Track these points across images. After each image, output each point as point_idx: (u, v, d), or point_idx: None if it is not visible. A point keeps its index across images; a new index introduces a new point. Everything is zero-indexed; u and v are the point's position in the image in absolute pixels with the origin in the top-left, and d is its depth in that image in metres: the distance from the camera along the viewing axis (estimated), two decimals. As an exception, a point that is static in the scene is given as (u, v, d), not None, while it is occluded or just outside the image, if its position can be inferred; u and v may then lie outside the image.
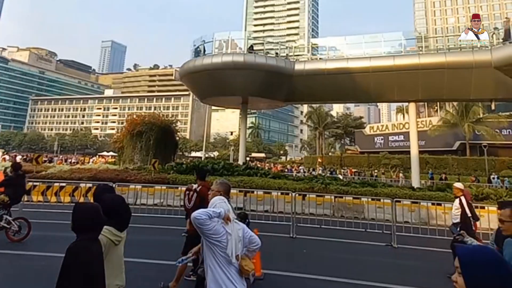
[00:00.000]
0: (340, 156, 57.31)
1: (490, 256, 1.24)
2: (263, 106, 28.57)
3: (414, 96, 19.65)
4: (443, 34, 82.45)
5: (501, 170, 36.22)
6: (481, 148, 37.44)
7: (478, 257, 1.24)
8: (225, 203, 2.91)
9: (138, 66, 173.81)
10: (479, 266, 1.21)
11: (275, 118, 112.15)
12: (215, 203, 2.90)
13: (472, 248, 1.32)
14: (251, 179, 15.22)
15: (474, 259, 1.24)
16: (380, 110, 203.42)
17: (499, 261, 1.22)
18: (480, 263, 1.21)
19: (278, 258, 7.40)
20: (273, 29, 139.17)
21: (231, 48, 20.82)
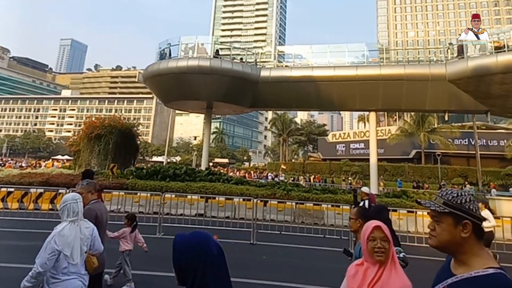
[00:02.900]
0: (303, 162, 58.26)
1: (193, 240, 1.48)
2: (228, 111, 28.55)
3: (374, 106, 20.37)
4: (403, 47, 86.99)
5: (453, 178, 38.51)
6: (435, 157, 39.57)
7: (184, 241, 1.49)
8: (76, 204, 3.03)
9: (99, 67, 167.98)
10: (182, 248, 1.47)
11: (240, 123, 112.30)
12: (67, 201, 3.01)
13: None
14: (213, 185, 15.09)
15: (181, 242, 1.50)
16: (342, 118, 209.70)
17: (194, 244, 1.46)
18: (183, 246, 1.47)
19: (237, 265, 7.28)
20: (241, 35, 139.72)
21: (198, 52, 20.64)
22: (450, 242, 1.45)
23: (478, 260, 1.41)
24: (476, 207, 1.48)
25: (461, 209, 1.44)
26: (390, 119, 62.27)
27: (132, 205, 12.35)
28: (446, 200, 1.48)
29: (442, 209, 1.47)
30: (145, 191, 13.66)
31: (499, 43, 16.50)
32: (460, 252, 1.45)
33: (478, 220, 1.44)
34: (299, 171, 52.43)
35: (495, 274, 1.34)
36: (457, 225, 1.44)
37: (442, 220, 1.47)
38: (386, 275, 1.97)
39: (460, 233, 1.43)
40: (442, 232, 1.46)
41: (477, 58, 16.58)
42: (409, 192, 17.02)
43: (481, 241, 1.46)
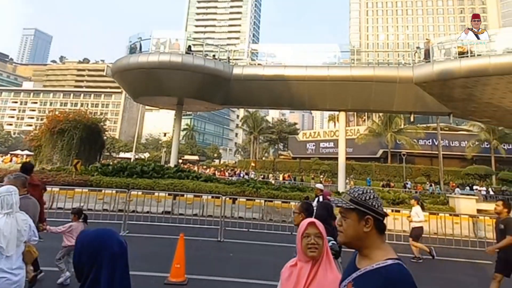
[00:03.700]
0: (273, 160, 58.70)
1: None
2: (199, 108, 28.20)
3: (344, 106, 20.75)
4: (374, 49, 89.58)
5: (417, 177, 40.06)
6: (400, 156, 41.05)
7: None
8: (10, 196, 3.02)
9: (64, 59, 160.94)
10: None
11: (211, 120, 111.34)
12: (1, 193, 3.00)
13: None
14: (181, 182, 14.84)
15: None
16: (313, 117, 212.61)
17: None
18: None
19: (203, 263, 7.26)
20: (215, 31, 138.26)
21: (170, 48, 20.19)
22: (354, 236, 1.53)
23: (380, 252, 1.50)
24: (379, 203, 1.56)
25: (364, 205, 1.53)
26: (359, 119, 63.89)
27: (96, 202, 11.91)
28: (352, 197, 1.57)
29: (348, 206, 1.55)
30: (110, 188, 13.22)
31: (463, 48, 17.03)
32: (363, 246, 1.53)
33: (379, 216, 1.54)
34: (269, 169, 52.81)
35: (393, 264, 1.43)
36: (360, 220, 1.52)
37: (348, 216, 1.56)
38: (322, 273, 1.96)
39: (363, 228, 1.52)
40: (348, 227, 1.55)
41: (442, 62, 17.19)
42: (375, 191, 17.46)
43: (382, 235, 1.55)
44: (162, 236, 9.30)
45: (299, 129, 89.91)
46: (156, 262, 7.04)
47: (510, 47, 16.04)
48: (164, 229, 10.01)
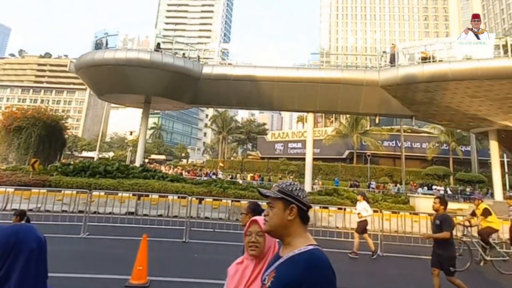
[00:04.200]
0: (241, 160, 58.72)
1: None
2: (167, 107, 27.68)
3: (312, 107, 21.08)
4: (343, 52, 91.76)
5: (380, 177, 41.41)
6: (365, 157, 42.33)
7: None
8: None
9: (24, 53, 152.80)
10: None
11: (180, 119, 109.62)
12: None
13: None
14: (147, 182, 14.53)
15: None
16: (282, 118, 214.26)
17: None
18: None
19: (167, 264, 7.13)
20: (185, 30, 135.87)
21: (139, 45, 19.68)
22: (279, 225, 1.61)
23: (301, 240, 1.59)
24: (304, 195, 1.67)
25: (290, 195, 1.63)
26: (327, 120, 65.10)
27: (55, 203, 11.39)
28: (280, 188, 1.68)
29: (276, 195, 1.65)
30: (71, 188, 12.71)
31: (426, 54, 17.70)
32: (287, 234, 1.61)
33: (303, 206, 1.64)
34: (237, 169, 52.79)
35: (313, 250, 1.53)
36: (285, 209, 1.62)
37: (275, 205, 1.65)
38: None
39: (287, 216, 1.60)
40: (273, 216, 1.63)
41: (406, 67, 17.80)
42: (340, 191, 17.89)
43: (305, 225, 1.65)
44: (125, 237, 9.05)
45: (268, 130, 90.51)
46: (117, 264, 6.85)
47: (468, 54, 16.79)
48: (127, 230, 9.75)
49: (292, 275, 1.47)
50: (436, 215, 5.90)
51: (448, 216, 5.81)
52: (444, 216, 5.75)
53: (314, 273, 1.45)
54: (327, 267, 1.48)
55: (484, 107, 17.13)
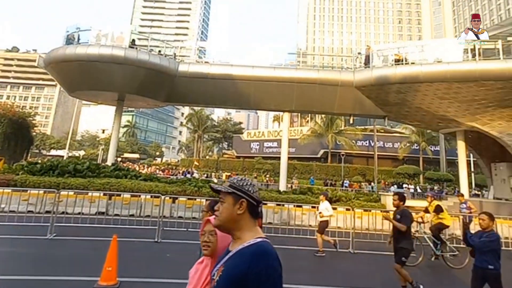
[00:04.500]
0: (217, 159, 58.47)
1: None
2: (141, 104, 27.09)
3: (288, 107, 21.15)
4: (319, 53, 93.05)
5: (354, 176, 42.27)
6: (340, 156, 43.09)
7: None
8: None
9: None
10: None
11: (154, 118, 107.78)
12: None
13: None
14: (119, 181, 14.13)
15: None
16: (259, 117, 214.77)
17: None
18: None
19: (138, 264, 6.99)
20: (162, 27, 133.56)
21: (112, 41, 19.11)
22: (228, 219, 1.65)
23: (251, 234, 1.63)
24: (254, 190, 1.73)
25: (241, 190, 1.68)
26: (303, 120, 65.83)
27: (20, 203, 10.92)
28: (231, 183, 1.72)
29: (226, 189, 1.69)
30: (37, 188, 12.21)
31: (399, 56, 18.08)
32: (236, 228, 1.65)
33: (253, 200, 1.69)
34: (212, 167, 52.56)
35: (261, 242, 1.59)
36: (235, 203, 1.66)
37: (225, 200, 1.68)
38: None
39: (237, 211, 1.65)
40: (223, 210, 1.67)
41: (380, 68, 18.14)
42: (314, 189, 18.10)
43: (255, 219, 1.70)
44: (95, 238, 8.81)
45: (244, 129, 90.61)
46: (86, 266, 6.65)
47: (439, 57, 17.34)
48: (97, 231, 9.49)
49: (239, 267, 1.51)
50: (396, 210, 6.24)
51: (407, 211, 6.16)
52: (404, 211, 6.10)
53: (259, 264, 1.49)
54: (273, 258, 1.53)
55: (452, 108, 17.74)
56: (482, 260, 4.84)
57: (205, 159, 62.66)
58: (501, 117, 17.27)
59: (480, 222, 5.10)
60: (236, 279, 1.49)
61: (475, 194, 29.79)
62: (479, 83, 15.74)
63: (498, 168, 19.45)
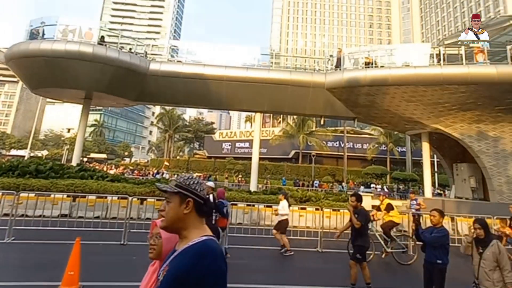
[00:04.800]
0: (187, 160, 57.83)
1: None
2: (110, 103, 26.25)
3: (261, 107, 21.19)
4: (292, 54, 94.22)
5: (324, 176, 43.02)
6: (310, 157, 43.72)
7: None
8: None
9: None
10: None
11: (124, 117, 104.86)
12: None
13: None
14: (84, 183, 13.64)
15: None
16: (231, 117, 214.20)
17: None
18: None
19: (102, 268, 6.79)
20: (133, 24, 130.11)
21: (80, 37, 18.38)
22: (175, 218, 1.64)
23: (197, 232, 1.63)
24: (202, 188, 1.73)
25: (187, 189, 1.68)
26: (275, 121, 66.29)
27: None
28: (178, 182, 1.71)
29: (172, 189, 1.68)
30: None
31: (369, 59, 18.47)
32: (183, 228, 1.64)
33: (200, 199, 1.69)
34: (183, 168, 51.98)
35: (206, 240, 1.59)
36: (182, 203, 1.65)
37: (171, 200, 1.68)
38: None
39: (184, 210, 1.64)
40: (169, 210, 1.66)
41: (351, 71, 18.46)
42: (284, 190, 18.21)
43: (202, 218, 1.70)
44: (57, 241, 8.45)
45: (216, 129, 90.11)
46: (47, 271, 6.39)
47: (407, 61, 17.91)
48: (60, 234, 9.11)
49: (182, 266, 1.50)
50: (354, 210, 6.51)
51: (364, 210, 6.54)
52: (361, 210, 6.48)
53: (202, 263, 1.48)
54: (217, 256, 1.53)
55: (418, 111, 18.41)
56: (432, 255, 5.12)
57: (175, 160, 61.81)
58: (462, 120, 18.12)
59: (431, 218, 5.34)
60: (179, 278, 1.47)
61: (438, 193, 31.13)
62: (443, 87, 16.45)
63: (459, 169, 20.38)
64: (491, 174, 17.49)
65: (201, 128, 75.75)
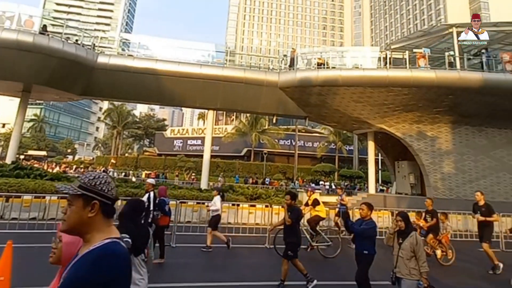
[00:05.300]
0: (136, 157, 56.03)
1: None
2: (52, 97, 24.53)
3: (214, 105, 20.94)
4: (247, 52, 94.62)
5: (275, 173, 43.75)
6: (262, 155, 44.23)
7: None
8: None
9: None
10: None
11: (68, 112, 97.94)
12: None
13: None
14: (19, 182, 12.65)
15: None
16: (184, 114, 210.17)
17: None
18: None
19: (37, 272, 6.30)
20: (81, 14, 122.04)
21: (18, 24, 16.92)
22: (78, 223, 1.50)
23: (101, 235, 1.50)
24: (110, 188, 1.59)
25: (93, 190, 1.53)
26: (228, 118, 66.14)
27: None
28: (82, 183, 1.55)
29: (75, 192, 1.53)
30: None
31: (321, 60, 18.97)
32: (87, 232, 1.51)
33: (107, 200, 1.56)
34: (131, 166, 50.35)
35: (108, 243, 1.47)
36: (86, 206, 1.51)
37: (74, 202, 1.53)
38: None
39: (88, 213, 1.51)
40: (71, 214, 1.51)
41: (304, 71, 18.88)
42: (235, 187, 18.28)
43: (108, 219, 1.58)
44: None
45: (168, 125, 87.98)
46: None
47: (357, 63, 18.71)
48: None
49: (80, 272, 1.40)
50: (288, 207, 6.66)
51: (296, 208, 6.79)
52: (293, 207, 6.67)
53: (102, 268, 1.39)
54: (119, 259, 1.44)
55: (365, 111, 19.29)
56: (360, 246, 5.45)
57: (124, 157, 59.54)
58: (405, 120, 19.31)
59: (360, 211, 5.65)
60: (78, 284, 1.38)
61: (381, 190, 32.94)
62: (388, 89, 17.39)
63: (400, 166, 21.74)
64: (428, 171, 18.81)
65: (152, 124, 73.59)
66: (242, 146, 51.31)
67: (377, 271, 5.71)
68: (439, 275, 7.33)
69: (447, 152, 19.03)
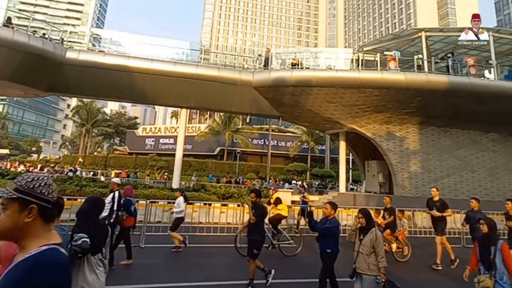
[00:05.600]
0: (106, 156, 54.60)
1: None
2: (16, 93, 23.41)
3: (187, 103, 20.76)
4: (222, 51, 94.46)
5: (248, 173, 43.96)
6: (235, 154, 44.30)
7: None
8: None
9: None
10: None
11: (33, 108, 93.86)
12: None
13: None
14: (-22, 181, 12.18)
15: None
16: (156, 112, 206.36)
17: None
18: None
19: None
20: (49, 6, 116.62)
21: None
22: (11, 228, 1.39)
23: (39, 241, 1.40)
24: (50, 190, 1.50)
25: (30, 194, 1.43)
26: (201, 117, 65.68)
27: None
28: (18, 185, 1.44)
29: (10, 195, 1.42)
30: None
31: (295, 60, 19.19)
32: (23, 237, 1.41)
33: (47, 203, 1.46)
34: (100, 165, 49.07)
35: (43, 251, 1.37)
36: (23, 210, 1.41)
37: (8, 206, 1.41)
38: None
39: (25, 218, 1.40)
40: (5, 219, 1.39)
41: (278, 71, 19.01)
42: (207, 186, 18.24)
43: (48, 224, 1.48)
44: None
45: (140, 124, 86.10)
46: None
47: (330, 64, 19.08)
48: None
49: (11, 282, 1.30)
50: (252, 205, 6.76)
51: (261, 206, 6.83)
52: (258, 205, 6.71)
53: (35, 277, 1.30)
54: (54, 268, 1.35)
55: (337, 111, 19.69)
56: (323, 244, 5.61)
57: (92, 156, 57.83)
58: (375, 121, 19.88)
59: (324, 210, 5.83)
60: None
61: (351, 188, 33.78)
62: (360, 90, 17.84)
63: (370, 165, 22.39)
64: (396, 170, 19.47)
65: (123, 122, 71.75)
66: (216, 145, 51.13)
67: (342, 267, 5.92)
68: (396, 270, 7.61)
69: (414, 152, 19.74)
